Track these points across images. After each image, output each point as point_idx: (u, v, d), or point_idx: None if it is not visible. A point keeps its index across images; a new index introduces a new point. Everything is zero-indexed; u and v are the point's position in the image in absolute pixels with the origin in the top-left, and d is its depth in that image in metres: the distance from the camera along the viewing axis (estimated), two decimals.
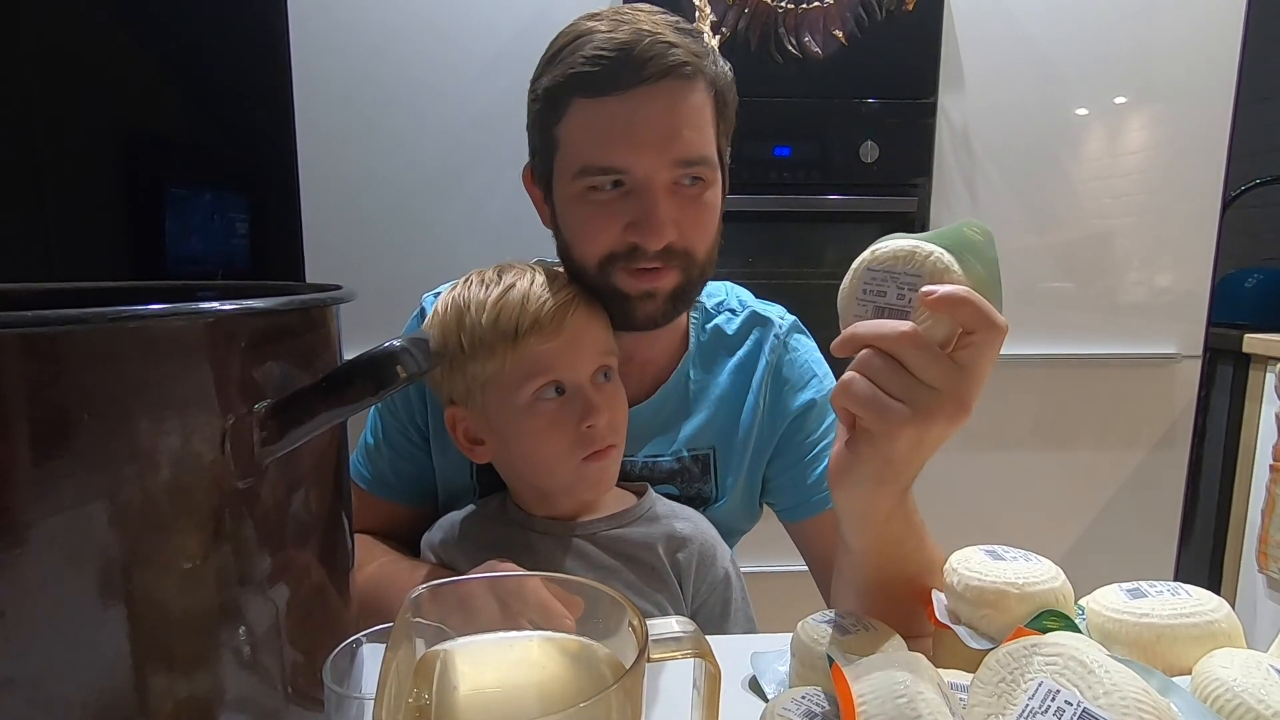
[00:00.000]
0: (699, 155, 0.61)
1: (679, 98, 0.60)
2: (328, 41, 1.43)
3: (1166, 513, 1.64)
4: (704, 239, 0.64)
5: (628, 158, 0.60)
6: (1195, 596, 0.43)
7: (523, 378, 0.60)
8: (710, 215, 0.65)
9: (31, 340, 0.28)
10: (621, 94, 0.59)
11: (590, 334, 0.63)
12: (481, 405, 0.63)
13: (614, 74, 0.58)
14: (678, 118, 0.60)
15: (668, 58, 0.58)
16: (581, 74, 0.59)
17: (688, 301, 0.68)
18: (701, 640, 0.31)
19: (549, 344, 0.60)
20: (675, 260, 0.63)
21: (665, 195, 0.61)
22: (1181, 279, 1.58)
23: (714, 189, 0.65)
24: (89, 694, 0.31)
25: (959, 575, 0.48)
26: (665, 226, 0.61)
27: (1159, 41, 1.52)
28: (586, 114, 0.60)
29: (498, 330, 0.60)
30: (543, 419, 0.61)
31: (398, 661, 0.29)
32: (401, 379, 0.37)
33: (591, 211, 0.62)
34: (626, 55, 0.58)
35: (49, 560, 0.29)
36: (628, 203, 0.61)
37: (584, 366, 0.62)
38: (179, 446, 0.32)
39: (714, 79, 0.62)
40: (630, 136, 0.59)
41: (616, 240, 0.62)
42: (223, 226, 2.26)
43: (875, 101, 1.48)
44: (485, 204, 1.50)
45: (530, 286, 0.61)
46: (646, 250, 0.61)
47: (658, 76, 0.58)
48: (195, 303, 0.33)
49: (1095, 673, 0.31)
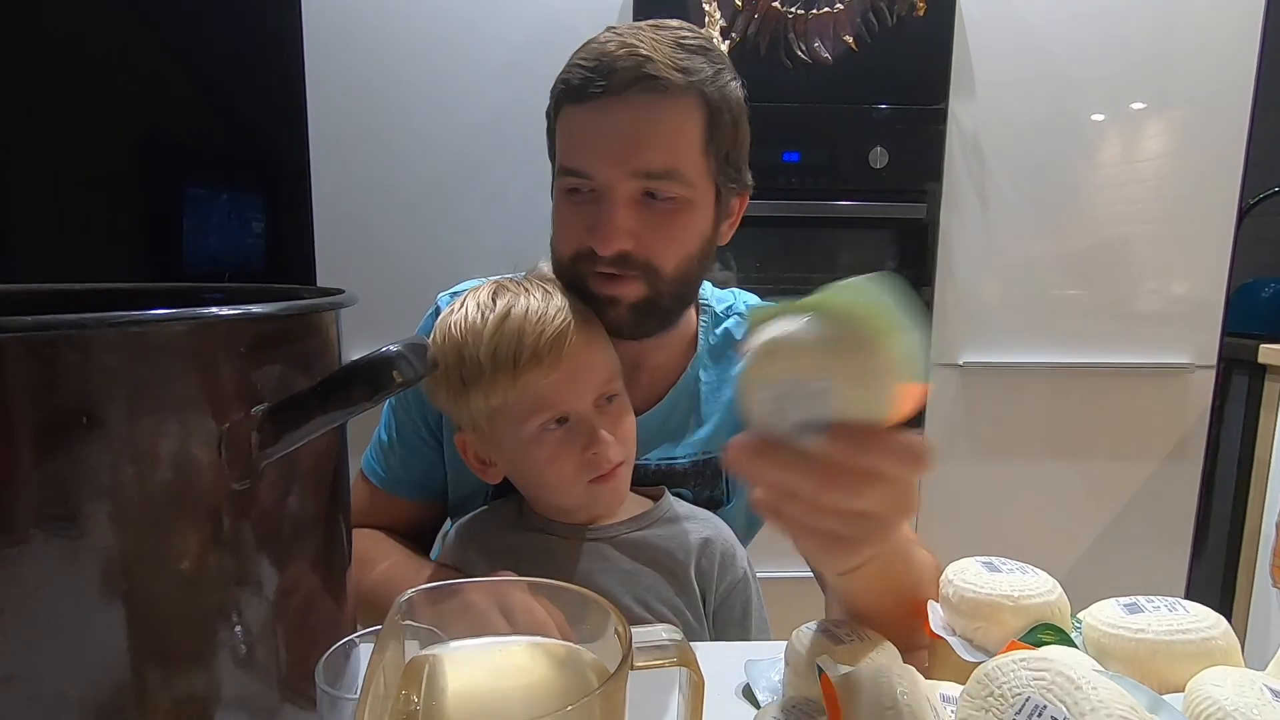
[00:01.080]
0: (664, 169, 0.61)
1: (647, 111, 0.60)
2: (340, 46, 1.45)
3: (1179, 525, 1.62)
4: (672, 255, 0.64)
5: (590, 163, 0.62)
6: (1192, 613, 0.43)
7: (526, 412, 0.61)
8: (681, 233, 0.64)
9: (32, 345, 0.29)
10: (593, 102, 0.61)
11: (591, 361, 0.62)
12: (488, 433, 0.63)
13: (587, 83, 0.61)
14: (643, 130, 0.60)
15: (639, 70, 0.59)
16: (566, 81, 0.63)
17: (661, 316, 0.67)
18: (686, 649, 0.32)
19: (549, 377, 0.60)
20: (633, 270, 0.63)
21: (626, 205, 0.62)
22: (1197, 288, 1.57)
23: (694, 209, 0.64)
24: (86, 691, 0.31)
25: (954, 587, 0.48)
26: (617, 234, 0.61)
27: (1176, 47, 1.50)
28: (568, 119, 0.64)
29: (497, 363, 0.59)
30: (548, 449, 0.61)
31: (384, 664, 0.30)
32: (398, 384, 0.37)
33: (565, 210, 0.65)
34: (599, 66, 0.60)
35: (47, 559, 0.30)
36: (591, 208, 0.63)
37: (586, 395, 0.62)
38: (177, 449, 0.33)
39: (707, 96, 0.62)
40: (595, 143, 0.62)
41: (579, 241, 0.63)
42: (239, 226, 2.28)
43: (885, 107, 1.47)
44: (495, 206, 1.52)
45: (526, 313, 0.60)
46: (599, 254, 0.62)
47: (622, 88, 0.60)
48: (197, 307, 0.34)
49: (1082, 689, 0.31)
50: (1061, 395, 1.58)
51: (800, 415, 0.34)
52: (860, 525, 0.36)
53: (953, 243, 1.54)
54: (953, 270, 1.55)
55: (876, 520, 0.36)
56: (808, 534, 0.37)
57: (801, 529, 0.37)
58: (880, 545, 0.38)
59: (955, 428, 1.59)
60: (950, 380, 1.57)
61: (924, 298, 1.55)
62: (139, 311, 0.31)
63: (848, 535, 0.36)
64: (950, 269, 1.54)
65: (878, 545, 0.38)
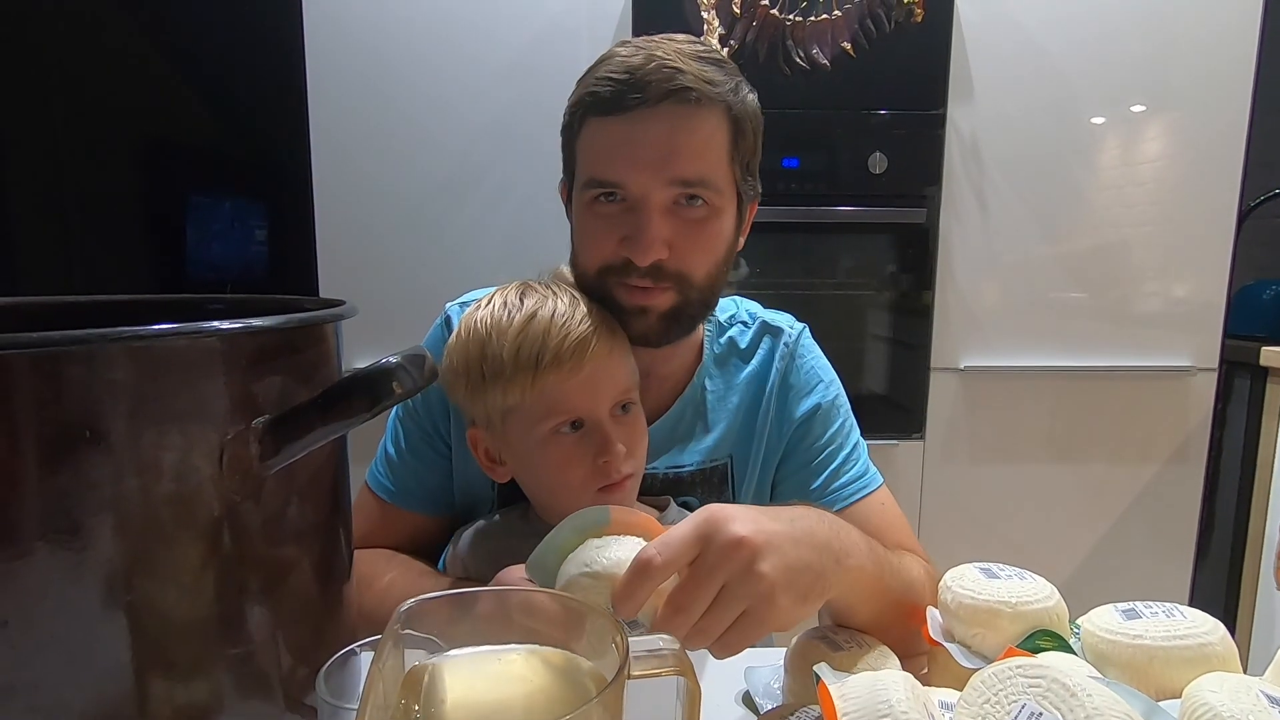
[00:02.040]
0: (698, 177, 0.62)
1: (681, 121, 0.61)
2: (341, 54, 1.46)
3: (1181, 529, 1.62)
4: (702, 263, 0.65)
5: (626, 174, 0.62)
6: (1190, 618, 0.43)
7: (542, 413, 0.61)
8: (712, 240, 0.65)
9: (36, 360, 0.29)
10: (625, 114, 0.61)
11: (611, 369, 0.63)
12: (501, 431, 0.64)
13: (620, 95, 0.61)
14: (678, 139, 0.61)
15: (671, 83, 0.60)
16: (594, 94, 0.63)
17: (688, 323, 0.68)
18: (684, 658, 0.32)
19: (569, 381, 0.60)
20: (666, 280, 0.64)
21: (661, 214, 0.62)
22: (1198, 290, 1.57)
23: (721, 216, 0.65)
24: (89, 702, 0.32)
25: (953, 593, 0.48)
26: (655, 244, 0.62)
27: (1175, 50, 1.50)
28: (596, 132, 0.64)
29: (518, 363, 0.60)
30: (560, 452, 0.62)
31: (383, 673, 0.30)
32: (397, 395, 0.38)
33: (593, 223, 0.65)
34: (632, 78, 0.61)
35: (51, 571, 0.30)
36: (625, 218, 0.63)
37: (603, 402, 0.62)
38: (179, 461, 0.33)
39: (731, 107, 0.63)
40: (629, 154, 0.62)
41: (612, 253, 0.64)
42: (242, 234, 2.29)
43: (884, 112, 1.48)
44: (497, 213, 1.52)
45: (552, 316, 0.61)
46: (636, 265, 0.62)
47: (657, 99, 0.60)
48: (199, 321, 0.34)
49: (1078, 695, 0.31)
50: (1062, 399, 1.58)
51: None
52: (736, 604, 0.42)
53: (952, 247, 1.54)
54: (953, 274, 1.55)
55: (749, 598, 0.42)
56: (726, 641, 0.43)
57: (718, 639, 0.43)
58: (787, 611, 0.43)
59: (955, 432, 1.58)
60: (950, 384, 1.57)
61: (924, 302, 1.55)
62: (141, 327, 0.31)
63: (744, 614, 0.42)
64: (950, 273, 1.55)
65: (787, 613, 0.43)
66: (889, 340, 1.58)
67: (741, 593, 0.42)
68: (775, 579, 0.42)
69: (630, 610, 0.41)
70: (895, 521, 0.73)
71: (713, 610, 0.42)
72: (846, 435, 0.74)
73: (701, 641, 0.42)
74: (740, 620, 0.42)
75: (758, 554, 0.42)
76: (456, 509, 0.74)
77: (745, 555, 0.42)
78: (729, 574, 0.42)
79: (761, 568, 0.42)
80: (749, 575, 0.42)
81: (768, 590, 0.42)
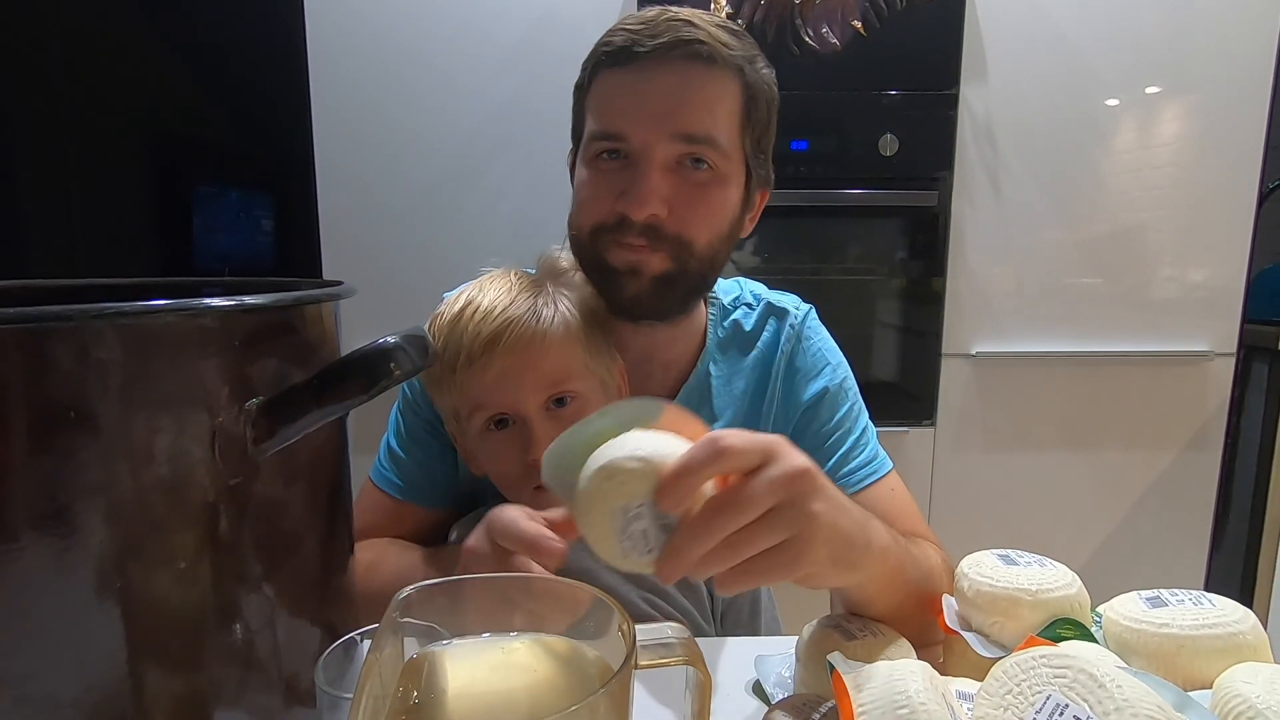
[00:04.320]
0: (704, 133, 0.60)
1: (690, 76, 0.60)
2: (344, 43, 1.44)
3: (1197, 516, 1.59)
4: (703, 230, 0.63)
5: (628, 124, 0.61)
6: (1219, 606, 0.41)
7: (469, 411, 0.61)
8: (715, 207, 0.63)
9: (19, 337, 0.28)
10: (635, 64, 0.60)
11: (534, 360, 0.60)
12: (460, 430, 0.65)
13: (630, 46, 0.60)
14: (686, 93, 0.60)
15: (682, 33, 0.59)
16: (607, 48, 0.62)
17: (683, 296, 0.66)
18: (693, 647, 0.31)
19: (482, 377, 0.59)
20: (663, 244, 0.62)
21: (662, 170, 0.61)
22: (1216, 274, 1.53)
23: (727, 185, 0.63)
24: (79, 692, 0.31)
25: (970, 580, 0.47)
26: (652, 197, 0.60)
27: (1193, 29, 1.47)
28: (605, 84, 0.63)
29: (444, 363, 0.60)
30: (491, 448, 0.62)
31: (381, 662, 0.29)
32: (395, 376, 0.36)
33: (593, 177, 0.64)
34: (645, 29, 0.60)
35: (38, 558, 0.29)
36: (625, 173, 0.62)
37: (527, 396, 0.60)
38: (169, 444, 0.32)
39: (745, 73, 0.62)
40: (635, 105, 0.61)
41: (608, 210, 0.62)
42: (248, 224, 2.29)
43: (895, 93, 1.45)
44: (501, 199, 1.51)
45: (475, 313, 0.60)
46: (632, 220, 0.60)
47: (667, 49, 0.59)
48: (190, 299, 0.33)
49: (1106, 687, 0.30)
50: (1077, 385, 1.56)
51: (642, 525, 0.38)
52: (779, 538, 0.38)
53: (965, 231, 1.51)
54: (965, 259, 1.52)
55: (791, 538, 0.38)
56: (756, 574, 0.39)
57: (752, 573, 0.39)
58: (808, 558, 0.39)
59: (968, 419, 1.56)
60: (963, 371, 1.55)
61: (936, 287, 1.53)
62: (128, 303, 0.30)
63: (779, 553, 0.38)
64: (962, 257, 1.52)
65: (812, 556, 0.39)
66: (899, 326, 1.55)
67: (789, 520, 0.38)
68: (823, 523, 0.39)
69: (677, 501, 0.36)
70: (906, 507, 0.71)
71: (752, 527, 0.38)
72: (855, 419, 0.72)
73: (725, 558, 0.38)
74: (772, 551, 0.38)
75: (817, 491, 0.39)
76: (464, 500, 0.73)
77: (804, 486, 0.39)
78: (784, 496, 0.38)
79: (815, 506, 0.39)
80: (802, 507, 0.38)
81: (813, 531, 0.39)
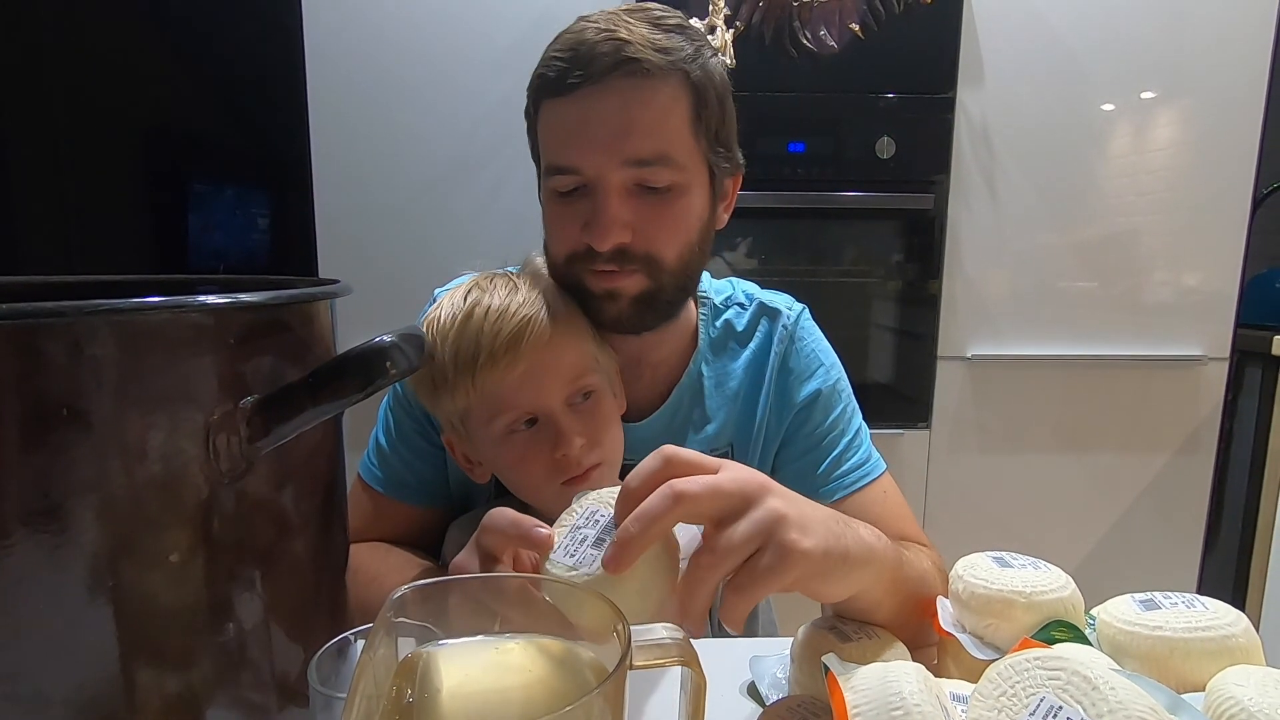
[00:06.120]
0: (655, 154, 0.59)
1: (631, 96, 0.58)
2: (340, 40, 1.44)
3: (1190, 520, 1.60)
4: (671, 244, 0.62)
5: (579, 157, 0.60)
6: (1212, 609, 0.42)
7: (490, 414, 0.59)
8: (679, 220, 0.62)
9: (10, 334, 0.28)
10: (574, 94, 0.59)
11: (556, 357, 0.60)
12: (465, 434, 0.63)
13: (565, 75, 0.59)
14: (630, 115, 0.58)
15: (616, 55, 0.57)
16: (543, 76, 0.61)
17: (664, 308, 0.66)
18: (688, 647, 0.31)
19: (508, 377, 0.58)
20: (634, 264, 0.61)
21: (620, 196, 0.60)
22: (1209, 279, 1.54)
23: (688, 194, 0.62)
24: (70, 690, 0.31)
25: (965, 582, 0.47)
26: (612, 227, 0.59)
27: (1188, 35, 1.48)
28: (550, 115, 0.62)
29: (458, 366, 0.58)
30: (515, 450, 0.60)
31: (375, 662, 0.29)
32: (391, 375, 0.36)
33: (556, 210, 0.63)
34: (575, 55, 0.58)
35: (30, 556, 0.29)
36: (585, 203, 0.61)
37: (552, 394, 0.59)
38: (163, 441, 0.32)
39: (690, 74, 0.60)
40: (581, 136, 0.59)
41: (575, 240, 0.61)
42: (244, 221, 2.28)
43: (892, 96, 1.45)
44: (497, 197, 1.50)
45: (486, 313, 0.58)
46: (597, 251, 0.60)
47: (603, 75, 0.58)
48: (185, 296, 0.33)
49: (1099, 689, 0.30)
50: (1071, 388, 1.56)
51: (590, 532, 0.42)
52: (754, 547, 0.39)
53: (961, 234, 1.52)
54: (961, 262, 1.53)
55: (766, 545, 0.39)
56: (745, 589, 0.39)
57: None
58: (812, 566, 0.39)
59: (963, 421, 1.57)
60: (958, 373, 1.56)
61: (931, 290, 1.53)
62: (121, 300, 0.30)
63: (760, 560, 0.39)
64: (958, 260, 1.53)
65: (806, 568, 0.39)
66: (895, 328, 1.56)
67: (768, 556, 0.39)
68: (800, 551, 0.39)
69: (621, 548, 0.38)
70: (899, 510, 0.71)
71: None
72: (848, 421, 0.72)
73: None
74: (756, 569, 0.39)
75: (788, 524, 0.40)
76: (453, 501, 0.72)
77: (776, 526, 0.40)
78: (761, 541, 0.39)
79: (790, 536, 0.40)
80: (780, 541, 0.39)
81: (793, 560, 0.39)
